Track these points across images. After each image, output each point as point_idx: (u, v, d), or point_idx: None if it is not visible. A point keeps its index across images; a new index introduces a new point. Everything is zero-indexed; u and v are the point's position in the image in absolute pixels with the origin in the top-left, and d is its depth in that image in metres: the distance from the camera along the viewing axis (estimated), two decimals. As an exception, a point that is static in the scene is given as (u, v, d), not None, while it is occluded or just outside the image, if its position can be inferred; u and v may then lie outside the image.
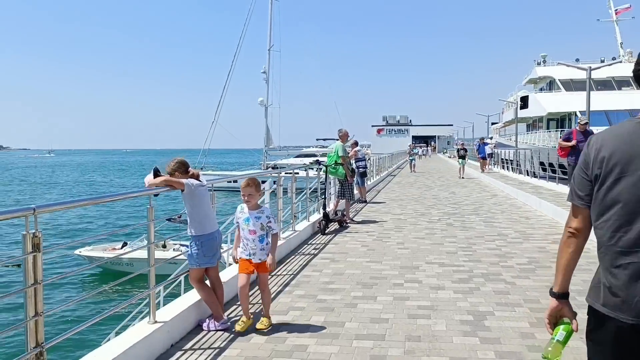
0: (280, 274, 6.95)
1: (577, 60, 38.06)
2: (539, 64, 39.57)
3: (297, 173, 10.87)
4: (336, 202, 11.71)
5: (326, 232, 10.07)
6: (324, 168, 11.24)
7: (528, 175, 22.54)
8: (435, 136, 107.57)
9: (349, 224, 11.20)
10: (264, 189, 8.96)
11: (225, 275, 5.71)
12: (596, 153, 1.98)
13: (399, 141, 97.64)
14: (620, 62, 33.52)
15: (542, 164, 24.12)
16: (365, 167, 15.89)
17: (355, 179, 15.96)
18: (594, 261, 2.05)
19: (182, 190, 4.73)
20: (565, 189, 15.72)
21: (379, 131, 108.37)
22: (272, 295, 5.96)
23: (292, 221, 9.20)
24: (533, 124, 44.07)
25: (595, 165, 1.98)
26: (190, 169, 4.96)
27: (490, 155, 29.56)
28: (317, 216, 10.75)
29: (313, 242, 9.24)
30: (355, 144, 16.09)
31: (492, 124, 65.19)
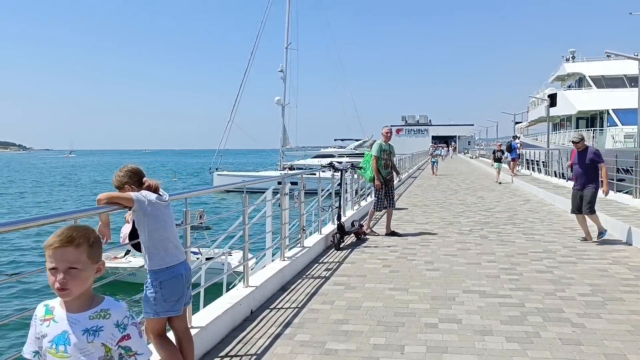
0: (281, 307, 5.57)
1: (608, 55, 36.14)
2: (567, 60, 37.62)
3: (322, 171, 9.55)
4: (371, 212, 10.38)
5: (341, 246, 8.66)
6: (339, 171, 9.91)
7: (560, 177, 20.94)
8: (455, 136, 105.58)
9: (367, 236, 9.78)
10: (202, 221, 6.41)
11: (197, 320, 4.33)
12: None
13: (418, 141, 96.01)
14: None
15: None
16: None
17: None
18: None
19: (131, 208, 3.36)
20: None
21: (397, 131, 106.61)
22: (268, 340, 4.59)
23: (300, 236, 7.81)
24: (560, 124, 42.15)
25: None
26: (145, 179, 3.57)
27: (518, 156, 27.78)
28: (330, 227, 9.34)
29: (325, 261, 7.84)
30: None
31: (516, 123, 63.09)
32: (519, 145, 28.31)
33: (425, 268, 7.26)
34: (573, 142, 9.17)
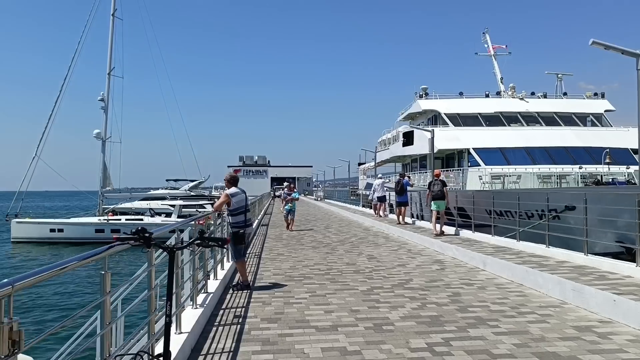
0: None
1: (461, 93, 34.87)
2: (420, 96, 35.75)
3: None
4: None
5: None
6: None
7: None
8: (294, 177, 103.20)
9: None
10: None
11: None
12: None
13: (257, 182, 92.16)
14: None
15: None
16: (250, 223, 9.00)
17: (231, 247, 9.14)
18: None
19: None
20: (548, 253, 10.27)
21: (235, 172, 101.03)
22: None
23: None
24: (411, 164, 40.18)
25: None
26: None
27: (384, 197, 24.02)
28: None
29: None
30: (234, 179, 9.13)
31: (359, 164, 61.50)
32: (412, 184, 24.34)
33: None
34: None
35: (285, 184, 23.96)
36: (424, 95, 35.60)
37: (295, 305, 7.43)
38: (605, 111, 33.41)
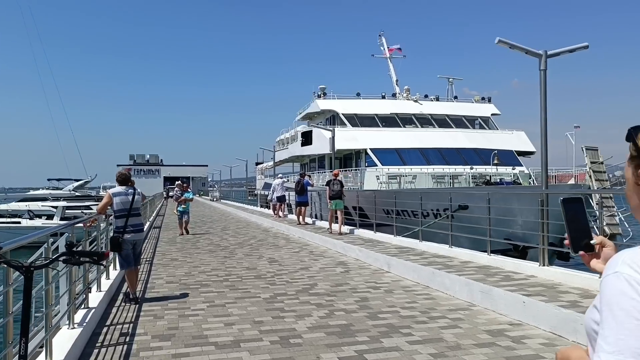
0: None
1: (358, 94, 35.21)
2: (319, 96, 35.63)
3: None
4: None
5: None
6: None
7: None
8: (189, 177, 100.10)
9: None
10: None
11: None
12: None
13: (149, 182, 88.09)
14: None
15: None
16: (137, 229, 8.09)
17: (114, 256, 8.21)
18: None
19: None
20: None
21: (127, 171, 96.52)
22: None
23: None
24: (309, 163, 40.08)
25: None
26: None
27: (283, 197, 23.51)
28: None
29: None
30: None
31: (257, 164, 60.66)
32: (312, 184, 23.79)
33: None
34: None
35: (178, 182, 22.06)
36: (322, 95, 35.52)
37: (191, 317, 6.69)
38: (492, 115, 35.13)
